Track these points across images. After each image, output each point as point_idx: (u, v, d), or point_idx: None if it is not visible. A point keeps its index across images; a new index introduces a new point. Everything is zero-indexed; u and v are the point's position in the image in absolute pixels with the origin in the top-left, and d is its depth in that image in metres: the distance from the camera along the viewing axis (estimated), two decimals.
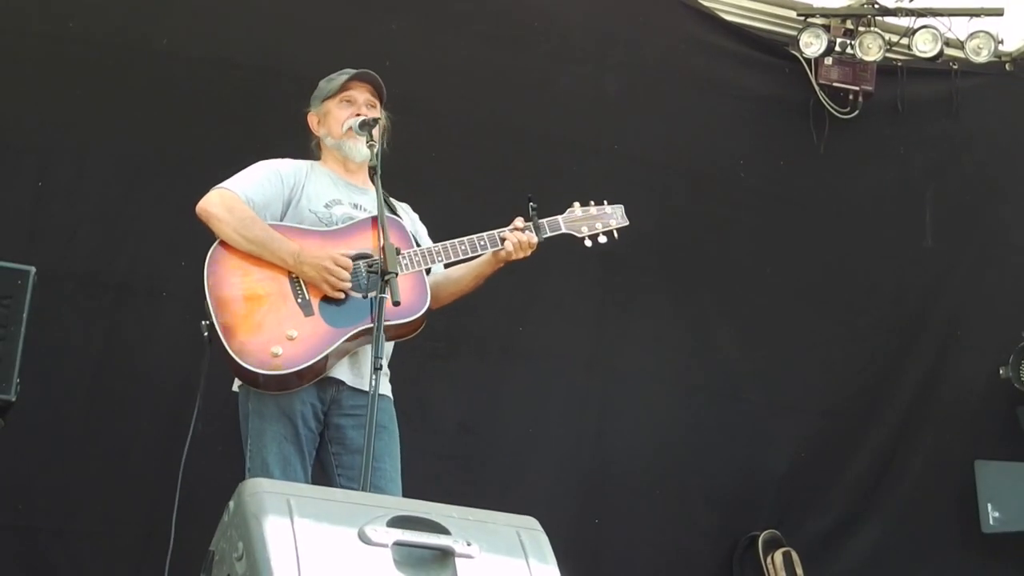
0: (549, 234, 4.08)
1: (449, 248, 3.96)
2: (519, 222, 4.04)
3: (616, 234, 4.19)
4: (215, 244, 3.86)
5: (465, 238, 3.98)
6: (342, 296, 3.81)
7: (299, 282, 3.83)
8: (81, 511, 5.24)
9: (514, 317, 5.98)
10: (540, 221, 4.07)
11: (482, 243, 3.99)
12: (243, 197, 3.89)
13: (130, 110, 5.48)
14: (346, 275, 3.80)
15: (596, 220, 4.17)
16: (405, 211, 4.21)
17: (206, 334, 3.74)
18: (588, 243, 4.16)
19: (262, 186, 3.94)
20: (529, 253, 4.03)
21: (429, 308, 3.89)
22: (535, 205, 4.06)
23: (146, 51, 5.53)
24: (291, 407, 3.80)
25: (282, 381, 3.74)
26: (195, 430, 3.84)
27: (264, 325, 3.74)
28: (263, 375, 3.71)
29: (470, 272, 4.12)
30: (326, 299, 3.81)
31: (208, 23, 5.65)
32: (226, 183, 3.94)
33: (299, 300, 3.80)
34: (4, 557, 5.15)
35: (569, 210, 4.16)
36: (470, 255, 4.00)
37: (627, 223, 4.21)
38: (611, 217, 4.19)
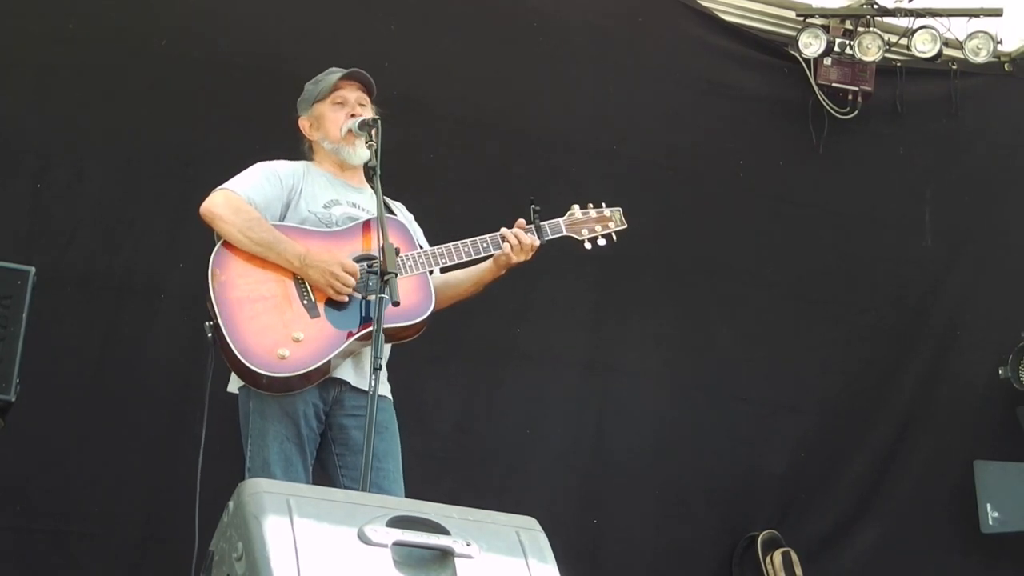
0: (551, 236, 4.09)
1: (453, 250, 3.96)
2: (522, 223, 4.04)
3: (615, 237, 4.21)
4: (218, 245, 3.83)
5: (468, 240, 3.97)
6: (346, 299, 3.81)
7: (304, 284, 3.81)
8: (80, 512, 5.24)
9: (512, 318, 5.98)
10: (542, 224, 4.06)
11: (485, 245, 3.99)
12: (245, 198, 3.86)
13: (129, 110, 5.48)
14: (352, 281, 3.78)
15: (596, 223, 4.18)
16: (400, 211, 4.19)
17: (210, 335, 3.72)
18: (588, 246, 4.18)
19: (262, 187, 3.93)
20: (530, 256, 4.02)
21: (433, 311, 3.89)
22: (538, 208, 4.06)
23: (146, 51, 5.53)
24: (293, 407, 3.79)
25: (287, 383, 3.73)
26: (200, 430, 3.82)
27: (270, 327, 3.72)
28: (269, 377, 3.69)
29: (470, 278, 4.12)
30: (331, 301, 3.80)
31: (208, 23, 5.65)
32: (228, 184, 3.91)
33: (305, 302, 3.79)
34: (3, 557, 5.14)
35: (569, 213, 4.17)
36: (473, 257, 4.00)
37: (625, 226, 4.23)
38: (610, 220, 4.21)
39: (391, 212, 4.09)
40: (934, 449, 6.56)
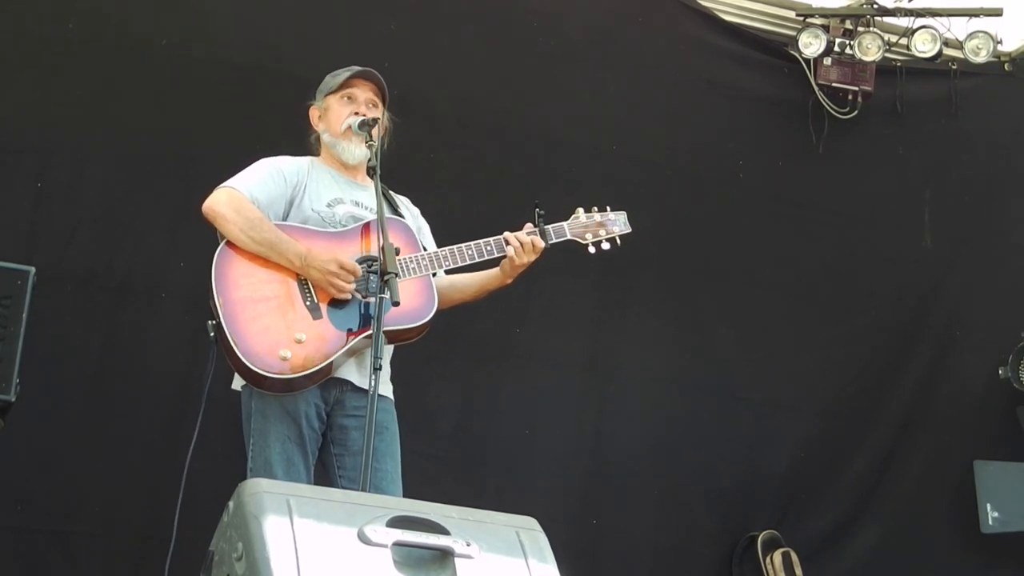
0: (554, 240, 4.08)
1: (456, 253, 3.95)
2: (528, 227, 4.03)
3: (619, 241, 4.20)
4: (222, 244, 3.83)
5: (472, 243, 3.97)
6: (348, 299, 3.80)
7: (307, 284, 3.81)
8: (80, 512, 5.24)
9: (512, 318, 5.98)
10: (546, 227, 4.05)
11: (488, 248, 3.98)
12: (248, 196, 3.86)
13: (130, 110, 5.48)
14: (351, 279, 3.78)
15: (600, 227, 4.17)
16: (406, 206, 4.19)
17: (212, 334, 3.72)
18: (592, 250, 4.16)
19: (266, 185, 3.92)
20: (535, 258, 4.01)
21: (436, 313, 3.88)
22: (542, 212, 4.05)
23: (146, 51, 5.53)
24: (295, 407, 3.80)
25: (289, 384, 3.73)
26: (199, 429, 3.82)
27: (272, 328, 3.72)
28: (271, 378, 3.69)
29: (475, 283, 4.12)
30: (334, 302, 3.80)
31: (208, 23, 5.65)
32: (231, 182, 3.90)
33: (308, 303, 3.79)
34: (3, 557, 5.14)
35: (573, 217, 4.16)
36: (476, 260, 3.99)
37: (629, 230, 4.21)
38: (614, 224, 4.20)
39: (395, 207, 4.09)
40: (934, 449, 6.57)
